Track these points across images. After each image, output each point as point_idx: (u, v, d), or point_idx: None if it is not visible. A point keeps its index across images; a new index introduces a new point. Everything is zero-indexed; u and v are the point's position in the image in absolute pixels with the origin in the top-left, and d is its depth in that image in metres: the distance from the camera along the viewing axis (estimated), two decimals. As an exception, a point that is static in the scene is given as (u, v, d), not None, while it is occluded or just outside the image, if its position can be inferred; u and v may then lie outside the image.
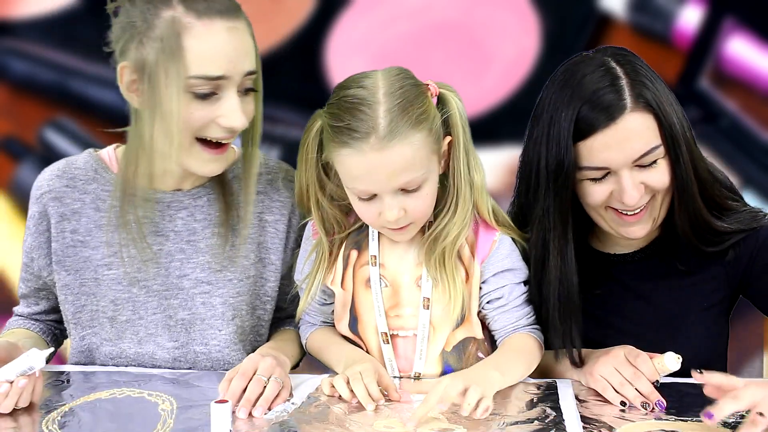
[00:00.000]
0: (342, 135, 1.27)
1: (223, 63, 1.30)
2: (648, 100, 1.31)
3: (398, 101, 1.27)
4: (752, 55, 2.29)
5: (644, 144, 1.31)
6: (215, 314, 1.47)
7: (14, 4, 2.38)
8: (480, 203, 1.38)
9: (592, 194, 1.36)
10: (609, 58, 1.35)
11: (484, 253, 1.40)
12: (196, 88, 1.30)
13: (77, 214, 1.47)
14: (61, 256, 1.47)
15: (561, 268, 1.38)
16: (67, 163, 1.51)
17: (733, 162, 2.25)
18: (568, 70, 1.37)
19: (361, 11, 2.34)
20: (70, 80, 2.40)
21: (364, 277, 1.41)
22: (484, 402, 1.17)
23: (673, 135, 1.32)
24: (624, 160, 1.32)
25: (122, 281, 1.46)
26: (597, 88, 1.32)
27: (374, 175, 1.27)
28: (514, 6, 2.32)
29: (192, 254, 1.47)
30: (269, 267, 1.52)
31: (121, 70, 1.34)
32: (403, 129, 1.25)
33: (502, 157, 2.16)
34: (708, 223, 1.39)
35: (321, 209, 1.40)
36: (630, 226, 1.39)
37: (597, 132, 1.31)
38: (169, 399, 1.29)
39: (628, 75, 1.32)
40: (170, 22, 1.28)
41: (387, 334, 1.40)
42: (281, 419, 1.21)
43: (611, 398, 1.27)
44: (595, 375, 1.31)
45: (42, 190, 1.48)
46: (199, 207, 1.48)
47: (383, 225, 1.34)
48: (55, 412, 1.24)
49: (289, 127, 2.31)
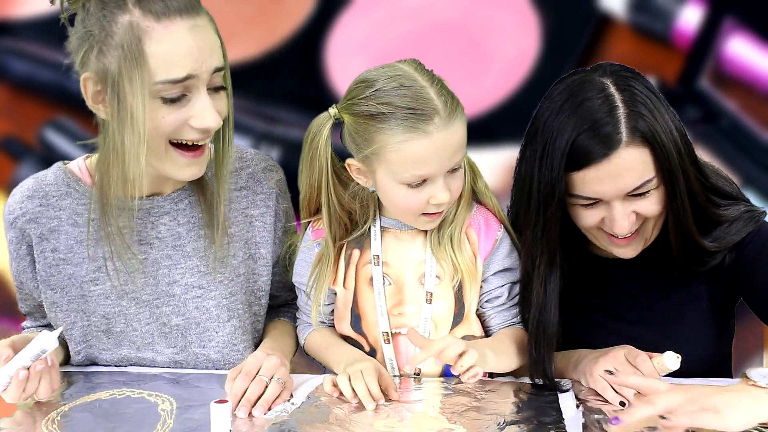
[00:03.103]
0: (406, 120, 1.27)
1: (189, 63, 1.24)
2: (644, 133, 1.28)
3: (438, 83, 1.31)
4: (752, 55, 2.29)
5: (637, 178, 1.29)
6: (210, 317, 1.45)
7: (14, 4, 2.37)
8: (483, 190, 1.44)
9: (584, 218, 1.36)
10: (609, 83, 1.31)
11: (487, 250, 1.41)
12: (164, 93, 1.25)
13: (55, 232, 1.42)
14: (45, 276, 1.43)
15: (542, 297, 1.36)
16: (36, 181, 1.45)
17: (733, 162, 2.25)
18: (566, 91, 1.33)
19: (361, 11, 2.34)
20: (70, 80, 2.39)
21: (366, 275, 1.42)
22: (476, 369, 1.21)
23: (669, 168, 1.30)
24: (615, 194, 1.30)
25: (110, 295, 1.43)
26: (594, 118, 1.28)
27: (438, 156, 1.29)
28: (514, 6, 2.32)
29: (179, 260, 1.44)
30: (260, 261, 1.49)
31: (84, 81, 1.29)
32: (455, 107, 1.30)
33: (502, 157, 2.16)
34: (698, 244, 1.37)
35: (331, 215, 1.40)
36: (621, 248, 1.38)
37: (590, 165, 1.28)
38: (168, 399, 1.29)
39: (626, 104, 1.28)
40: (129, 28, 1.23)
41: (388, 334, 1.40)
42: (281, 419, 1.21)
43: (611, 398, 1.28)
44: (595, 375, 1.31)
45: (15, 214, 1.43)
46: (180, 210, 1.44)
47: (426, 211, 1.34)
48: (54, 412, 1.25)
49: (289, 127, 2.31)
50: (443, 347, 1.22)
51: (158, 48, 1.23)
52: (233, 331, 1.46)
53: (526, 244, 1.39)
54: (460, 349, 1.22)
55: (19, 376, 1.22)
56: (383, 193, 1.37)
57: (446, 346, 1.22)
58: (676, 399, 1.08)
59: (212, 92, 1.30)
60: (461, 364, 1.21)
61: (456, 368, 1.22)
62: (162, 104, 1.26)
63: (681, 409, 1.07)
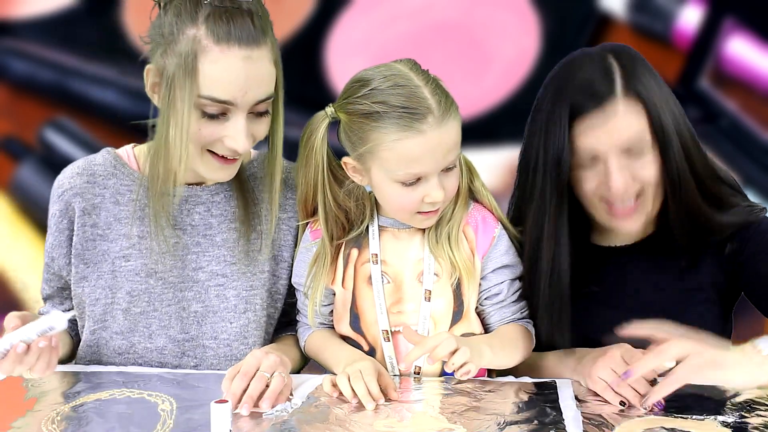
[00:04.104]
0: (400, 119, 1.29)
1: (233, 90, 1.33)
2: (639, 92, 1.35)
3: (433, 82, 1.32)
4: (752, 55, 2.29)
5: (631, 131, 1.35)
6: (228, 306, 1.49)
7: (14, 4, 2.38)
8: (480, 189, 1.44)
9: (584, 181, 1.39)
10: (608, 53, 1.39)
11: (485, 248, 1.41)
12: (206, 108, 1.34)
13: (97, 208, 1.50)
14: (81, 249, 1.50)
15: (553, 252, 1.41)
16: (86, 161, 1.54)
17: (733, 162, 2.25)
18: (566, 62, 1.42)
19: (361, 11, 2.34)
20: (70, 80, 2.40)
21: (365, 274, 1.42)
22: (469, 365, 1.22)
23: (663, 129, 1.35)
24: (610, 145, 1.35)
25: (140, 272, 1.48)
26: (590, 77, 1.36)
27: (432, 155, 1.30)
28: (514, 6, 2.32)
29: (208, 247, 1.50)
30: (282, 264, 1.54)
31: (147, 71, 1.39)
32: (449, 106, 1.31)
33: (502, 157, 2.16)
34: (708, 217, 1.40)
35: (327, 213, 1.41)
36: (621, 221, 1.41)
37: (585, 116, 1.35)
38: (168, 399, 1.29)
39: (623, 68, 1.36)
40: (191, 41, 1.32)
41: (388, 332, 1.40)
42: (281, 419, 1.21)
43: (610, 399, 1.28)
44: (594, 377, 1.31)
45: (64, 187, 1.51)
46: (216, 203, 1.51)
47: (421, 210, 1.35)
48: (54, 412, 1.24)
49: (289, 127, 2.30)
50: (435, 344, 1.23)
51: (210, 68, 1.32)
52: (246, 324, 1.49)
53: (533, 206, 1.42)
54: (452, 347, 1.22)
55: (18, 349, 1.23)
56: (378, 192, 1.37)
57: (438, 343, 1.23)
58: (686, 348, 1.12)
59: (254, 116, 1.38)
60: (453, 361, 1.22)
61: (448, 365, 1.23)
62: (202, 116, 1.35)
63: (689, 360, 1.10)
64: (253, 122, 1.38)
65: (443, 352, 1.22)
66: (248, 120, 1.37)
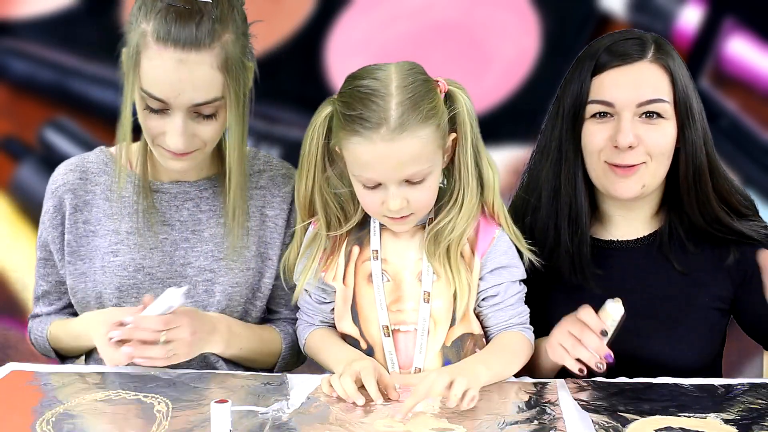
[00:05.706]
0: (353, 123, 1.29)
1: (166, 90, 1.34)
2: (668, 64, 1.40)
3: (410, 95, 1.30)
4: (752, 55, 2.29)
5: (653, 92, 1.39)
6: (213, 302, 1.51)
7: (14, 4, 2.38)
8: (490, 201, 1.41)
9: (594, 134, 1.42)
10: (649, 34, 1.45)
11: (484, 248, 1.41)
12: (147, 101, 1.36)
13: (89, 204, 1.52)
14: (75, 246, 1.52)
15: (572, 195, 1.46)
16: (79, 158, 1.57)
17: (733, 162, 2.25)
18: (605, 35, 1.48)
19: (361, 11, 2.34)
20: (70, 80, 2.40)
21: (365, 272, 1.42)
22: (470, 393, 1.21)
23: (685, 102, 1.40)
24: (629, 100, 1.39)
25: (128, 267, 1.49)
26: (623, 43, 1.42)
27: (382, 165, 1.30)
28: (514, 6, 2.32)
29: (196, 243, 1.52)
30: (267, 262, 1.55)
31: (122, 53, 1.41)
32: (413, 123, 1.28)
33: (502, 157, 2.15)
34: (718, 216, 1.42)
35: (324, 201, 1.41)
36: (619, 181, 1.42)
37: (610, 68, 1.41)
38: (164, 400, 1.28)
39: (656, 42, 1.43)
40: (139, 35, 1.35)
41: (388, 327, 1.40)
42: (281, 420, 1.21)
43: (570, 366, 1.30)
44: (553, 343, 1.33)
45: (57, 183, 1.53)
46: (204, 198, 1.53)
47: (384, 214, 1.35)
48: (49, 413, 1.24)
49: (289, 127, 2.31)
50: (428, 388, 1.21)
51: (147, 64, 1.35)
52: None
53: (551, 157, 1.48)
54: (446, 381, 1.21)
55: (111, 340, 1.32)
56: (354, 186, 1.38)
57: (430, 386, 1.21)
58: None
59: (199, 117, 1.38)
60: (454, 393, 1.20)
61: (451, 400, 1.20)
62: (145, 108, 1.38)
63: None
64: (196, 123, 1.38)
65: (439, 388, 1.21)
66: (190, 120, 1.37)
